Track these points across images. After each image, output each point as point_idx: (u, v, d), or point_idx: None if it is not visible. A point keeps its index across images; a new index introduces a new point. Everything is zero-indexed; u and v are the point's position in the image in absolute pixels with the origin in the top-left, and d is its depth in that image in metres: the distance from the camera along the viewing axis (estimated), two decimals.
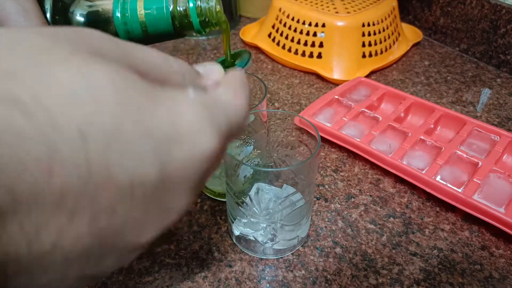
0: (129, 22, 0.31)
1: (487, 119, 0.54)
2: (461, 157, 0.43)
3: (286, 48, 0.65)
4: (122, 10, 0.30)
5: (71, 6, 0.31)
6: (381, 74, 0.64)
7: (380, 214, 0.40)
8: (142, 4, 0.30)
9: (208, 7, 0.31)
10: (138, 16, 0.30)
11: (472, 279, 0.34)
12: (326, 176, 0.45)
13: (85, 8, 0.31)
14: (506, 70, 0.64)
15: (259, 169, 0.34)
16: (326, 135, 0.48)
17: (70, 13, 0.31)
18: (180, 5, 0.31)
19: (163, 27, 0.31)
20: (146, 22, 0.30)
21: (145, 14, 0.30)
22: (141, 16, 0.30)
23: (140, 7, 0.30)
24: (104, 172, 0.11)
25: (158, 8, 0.30)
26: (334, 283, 0.34)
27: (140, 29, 0.31)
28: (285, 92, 0.60)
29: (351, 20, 0.60)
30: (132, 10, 0.30)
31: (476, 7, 0.65)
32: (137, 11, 0.30)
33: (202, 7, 0.31)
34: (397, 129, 0.47)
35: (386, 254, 0.36)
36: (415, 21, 0.77)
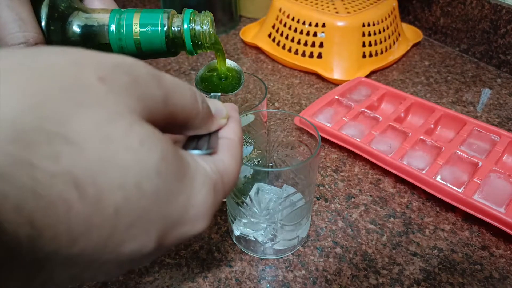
0: (124, 38, 0.31)
1: (487, 119, 0.54)
2: (461, 157, 0.43)
3: (286, 48, 0.65)
4: (117, 26, 0.31)
5: (69, 16, 0.31)
6: (381, 74, 0.64)
7: (380, 214, 0.40)
8: (137, 22, 0.30)
9: (202, 31, 0.31)
10: (133, 33, 0.31)
11: (472, 279, 0.34)
12: (326, 176, 0.45)
13: (82, 19, 0.31)
14: (506, 70, 0.64)
15: (259, 169, 0.34)
16: (326, 135, 0.48)
17: (67, 23, 0.30)
18: (175, 26, 0.31)
19: (156, 45, 0.31)
20: (140, 40, 0.31)
21: (140, 32, 0.30)
22: (135, 34, 0.31)
23: (135, 24, 0.30)
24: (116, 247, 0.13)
25: (153, 27, 0.30)
26: (334, 283, 0.34)
27: (134, 46, 0.31)
28: (285, 92, 0.60)
29: (351, 20, 0.60)
30: (127, 26, 0.30)
31: (476, 7, 0.65)
32: (132, 28, 0.30)
33: (196, 30, 0.31)
34: (397, 129, 0.47)
35: (386, 254, 0.36)
36: (415, 21, 0.77)
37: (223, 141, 0.21)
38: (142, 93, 0.15)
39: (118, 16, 0.31)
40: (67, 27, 0.31)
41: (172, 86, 0.16)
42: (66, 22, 0.31)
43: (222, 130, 0.21)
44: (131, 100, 0.14)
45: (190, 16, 0.31)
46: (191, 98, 0.17)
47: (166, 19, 0.31)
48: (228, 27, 0.77)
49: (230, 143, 0.20)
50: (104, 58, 0.15)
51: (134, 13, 0.31)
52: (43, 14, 0.30)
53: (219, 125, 0.21)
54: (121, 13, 0.31)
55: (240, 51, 0.71)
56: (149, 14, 0.31)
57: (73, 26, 0.31)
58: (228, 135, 0.21)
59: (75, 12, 0.31)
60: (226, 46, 0.72)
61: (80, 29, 0.31)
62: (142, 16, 0.31)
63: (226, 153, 0.20)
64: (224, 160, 0.19)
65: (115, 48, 0.31)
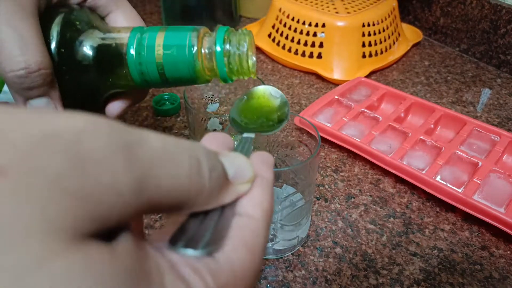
0: (144, 62, 0.25)
1: (487, 119, 0.54)
2: (461, 157, 0.43)
3: (286, 48, 0.65)
4: (137, 47, 0.25)
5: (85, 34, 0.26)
6: (381, 74, 0.64)
7: (380, 214, 0.40)
8: (161, 42, 0.25)
9: (238, 53, 0.26)
10: (155, 56, 0.25)
11: (472, 279, 0.34)
12: (326, 176, 0.45)
13: (96, 40, 0.26)
14: (506, 70, 0.64)
15: None
16: (326, 135, 0.48)
17: (78, 41, 0.26)
18: (206, 48, 0.25)
19: (183, 71, 0.26)
20: (163, 64, 0.25)
21: (164, 55, 0.25)
22: (158, 57, 0.25)
23: (158, 45, 0.25)
24: None
25: (180, 48, 0.25)
26: (334, 283, 0.34)
27: (156, 72, 0.26)
28: (285, 92, 0.60)
29: (351, 20, 0.60)
30: (149, 48, 0.25)
31: (476, 7, 0.65)
32: (155, 50, 0.25)
33: (231, 52, 0.25)
34: (397, 129, 0.47)
35: (386, 254, 0.36)
36: (415, 21, 0.77)
37: (240, 221, 0.14)
38: (88, 185, 0.09)
39: (139, 35, 0.26)
40: (79, 48, 0.26)
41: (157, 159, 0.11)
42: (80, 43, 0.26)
43: (242, 201, 0.15)
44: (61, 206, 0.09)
45: (224, 35, 0.26)
46: (190, 172, 0.12)
47: (195, 39, 0.25)
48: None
49: (249, 226, 0.14)
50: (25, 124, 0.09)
51: (158, 31, 0.26)
52: (54, 33, 0.25)
53: (237, 194, 0.15)
54: (143, 31, 0.26)
55: None
56: (175, 33, 0.26)
57: (86, 47, 0.26)
58: (248, 211, 0.15)
59: (91, 31, 0.26)
60: None
61: (94, 51, 0.26)
62: (166, 35, 0.25)
63: (235, 242, 0.13)
64: (233, 259, 0.13)
65: (135, 75, 0.26)
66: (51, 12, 0.26)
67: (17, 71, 0.23)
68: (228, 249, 0.13)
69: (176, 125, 0.52)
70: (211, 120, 0.40)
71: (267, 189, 0.16)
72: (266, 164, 0.17)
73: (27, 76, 0.23)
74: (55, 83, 0.26)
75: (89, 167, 0.09)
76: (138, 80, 0.27)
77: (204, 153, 0.13)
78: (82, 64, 0.26)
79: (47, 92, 0.25)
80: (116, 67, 0.26)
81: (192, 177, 0.12)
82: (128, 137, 0.11)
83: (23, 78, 0.23)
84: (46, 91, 0.25)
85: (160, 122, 0.52)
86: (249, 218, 0.14)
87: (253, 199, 0.15)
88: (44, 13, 0.26)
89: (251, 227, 0.14)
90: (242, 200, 0.15)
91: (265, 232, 0.15)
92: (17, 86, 0.24)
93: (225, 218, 0.14)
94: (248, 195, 0.15)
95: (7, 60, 0.23)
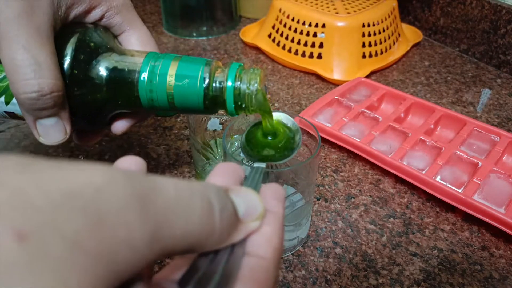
0: (155, 90, 0.26)
1: (487, 120, 0.54)
2: (461, 157, 0.43)
3: (286, 49, 0.65)
4: (150, 75, 0.26)
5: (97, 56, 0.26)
6: (381, 74, 0.64)
7: (380, 214, 0.40)
8: (174, 72, 0.26)
9: (248, 92, 0.25)
10: (167, 86, 0.26)
11: (472, 279, 0.34)
12: (326, 176, 0.45)
13: (110, 62, 0.27)
14: (506, 71, 0.64)
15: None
16: (326, 135, 0.48)
17: (91, 63, 0.26)
18: (217, 82, 0.26)
19: (192, 102, 0.26)
20: (174, 94, 0.26)
21: (175, 85, 0.26)
22: (169, 87, 0.26)
23: (171, 76, 0.26)
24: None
25: (191, 80, 0.25)
26: (334, 283, 0.34)
27: (166, 100, 0.26)
28: (285, 92, 0.60)
29: (351, 21, 0.61)
30: (161, 76, 0.26)
31: (476, 8, 0.65)
32: (167, 80, 0.26)
33: (241, 89, 0.26)
34: (397, 129, 0.47)
35: (386, 255, 0.36)
36: (415, 22, 0.77)
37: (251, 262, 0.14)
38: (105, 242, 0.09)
39: (152, 62, 0.26)
40: (92, 69, 0.26)
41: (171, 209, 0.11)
42: (93, 64, 0.26)
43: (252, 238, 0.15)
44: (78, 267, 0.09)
45: (236, 72, 0.26)
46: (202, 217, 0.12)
47: (208, 73, 0.26)
48: (228, 27, 0.77)
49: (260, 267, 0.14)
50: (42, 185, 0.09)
51: (172, 61, 0.26)
52: (68, 52, 0.26)
53: (247, 232, 0.15)
54: (156, 58, 0.26)
55: (240, 51, 0.71)
56: (188, 64, 0.26)
57: (98, 69, 0.26)
58: (258, 251, 0.14)
59: (105, 53, 0.27)
60: (226, 46, 0.72)
61: (106, 73, 0.26)
62: (180, 66, 0.26)
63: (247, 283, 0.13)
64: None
65: (144, 100, 0.26)
66: (66, 30, 0.26)
67: (29, 94, 0.23)
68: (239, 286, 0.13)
69: (176, 125, 0.52)
70: (211, 120, 0.40)
71: (277, 225, 0.15)
72: (276, 198, 0.17)
73: (39, 99, 0.24)
74: (65, 103, 0.26)
75: (106, 225, 0.10)
76: (146, 105, 0.27)
77: (215, 193, 0.13)
78: (93, 85, 0.27)
79: (57, 112, 0.26)
80: (127, 91, 0.27)
81: (203, 221, 0.12)
82: (143, 189, 0.11)
83: (35, 100, 0.24)
84: (56, 112, 0.26)
85: (160, 122, 0.52)
86: (259, 259, 0.14)
87: (263, 237, 0.15)
88: (59, 32, 0.26)
89: (262, 268, 0.14)
90: (253, 237, 0.15)
91: (275, 271, 0.15)
92: (29, 107, 0.24)
93: (235, 257, 0.14)
94: (258, 232, 0.15)
95: (21, 82, 0.23)
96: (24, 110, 0.25)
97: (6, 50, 0.23)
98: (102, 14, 0.28)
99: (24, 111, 0.26)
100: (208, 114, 0.29)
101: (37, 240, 0.08)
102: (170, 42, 0.73)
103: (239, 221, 0.14)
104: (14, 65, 0.23)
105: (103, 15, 0.28)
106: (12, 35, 0.23)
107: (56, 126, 0.26)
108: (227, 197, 0.14)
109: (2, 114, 0.29)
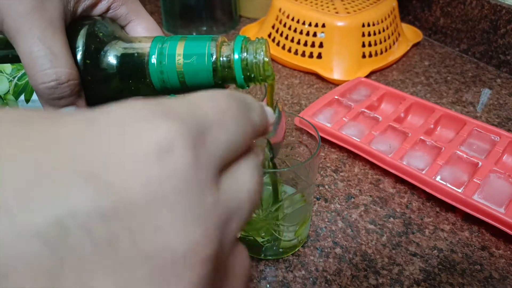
0: (166, 71, 0.27)
1: (487, 119, 0.54)
2: (461, 157, 0.43)
3: (286, 48, 0.65)
4: (159, 57, 0.27)
5: (109, 45, 0.28)
6: (381, 74, 0.64)
7: (380, 214, 0.40)
8: (181, 51, 0.27)
9: (256, 61, 0.27)
10: (176, 65, 0.27)
11: (472, 279, 0.34)
12: (326, 176, 0.45)
13: (119, 50, 0.28)
14: (506, 71, 0.64)
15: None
16: (326, 135, 0.48)
17: (103, 54, 0.27)
18: (224, 56, 0.27)
19: (202, 79, 0.27)
20: (184, 72, 0.27)
21: (184, 64, 0.27)
22: (179, 66, 0.27)
23: (179, 55, 0.27)
24: None
25: (199, 57, 0.26)
26: (334, 283, 0.34)
27: (177, 80, 0.27)
28: (285, 92, 0.60)
29: (351, 20, 0.60)
30: (170, 57, 0.27)
31: (476, 7, 0.65)
32: (175, 60, 0.27)
33: (248, 60, 0.27)
34: (397, 129, 0.47)
35: (386, 255, 0.36)
36: (415, 21, 0.77)
37: None
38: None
39: (160, 45, 0.27)
40: (103, 58, 0.28)
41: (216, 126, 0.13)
42: (103, 53, 0.27)
43: None
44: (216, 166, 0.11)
45: (241, 44, 0.27)
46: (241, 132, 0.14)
47: (214, 48, 0.26)
48: (227, 27, 0.77)
49: None
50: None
51: (178, 41, 0.27)
52: (80, 45, 0.27)
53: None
54: (163, 41, 0.27)
55: None
56: (195, 42, 0.27)
57: (109, 57, 0.28)
58: None
59: (114, 42, 0.28)
60: None
61: (118, 59, 0.27)
62: (186, 45, 0.27)
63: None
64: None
65: (156, 82, 0.27)
66: (76, 24, 0.28)
67: (48, 83, 0.25)
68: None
69: None
70: None
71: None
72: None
73: (57, 87, 0.25)
74: (82, 92, 0.27)
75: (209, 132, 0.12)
76: (159, 88, 0.28)
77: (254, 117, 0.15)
78: (106, 73, 0.28)
79: (74, 101, 0.27)
80: (139, 76, 0.27)
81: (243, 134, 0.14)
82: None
83: (53, 89, 0.25)
84: (73, 100, 0.27)
85: None
86: None
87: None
88: (69, 26, 0.27)
89: None
90: None
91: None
92: (47, 97, 0.26)
93: None
94: None
95: (39, 73, 0.24)
96: (43, 101, 0.26)
97: (22, 44, 0.24)
98: (108, 6, 0.30)
99: (43, 102, 0.27)
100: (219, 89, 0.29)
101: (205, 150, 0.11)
102: None
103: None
104: (31, 57, 0.24)
105: (109, 7, 0.30)
106: (26, 29, 0.24)
107: None
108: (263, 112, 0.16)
109: None
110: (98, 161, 0.09)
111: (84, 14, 0.29)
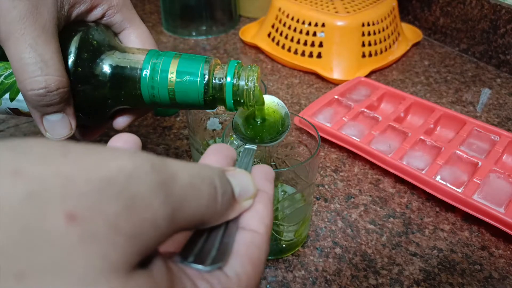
0: (157, 87, 0.27)
1: (487, 119, 0.54)
2: (461, 157, 0.43)
3: (286, 48, 0.65)
4: (151, 72, 0.27)
5: (101, 55, 0.27)
6: (381, 74, 0.64)
7: (380, 214, 0.40)
8: (175, 69, 0.27)
9: (247, 88, 0.27)
10: (168, 82, 0.27)
11: (472, 279, 0.34)
12: (326, 176, 0.45)
13: (114, 59, 0.27)
14: (506, 70, 0.64)
15: None
16: (326, 135, 0.48)
17: (97, 63, 0.27)
18: (216, 78, 0.27)
19: (192, 98, 0.27)
20: (175, 90, 0.27)
21: (176, 82, 0.27)
22: (171, 84, 0.27)
23: (172, 72, 0.26)
24: None
25: (191, 77, 0.26)
26: (334, 283, 0.34)
27: (167, 96, 0.27)
28: (285, 92, 0.59)
29: (351, 20, 0.60)
30: (163, 73, 0.27)
31: (476, 7, 0.65)
32: (168, 77, 0.27)
33: (240, 86, 0.27)
34: (397, 129, 0.47)
35: (386, 254, 0.36)
36: (415, 21, 0.77)
37: (245, 237, 0.16)
38: (136, 224, 0.11)
39: (154, 60, 0.27)
40: (96, 68, 0.27)
41: (186, 194, 0.13)
42: (96, 61, 0.27)
43: (245, 215, 0.17)
44: (117, 246, 0.10)
45: (235, 69, 0.27)
46: (209, 200, 0.14)
47: (207, 70, 0.27)
48: (227, 26, 0.77)
49: (254, 241, 0.16)
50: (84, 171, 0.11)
51: (172, 58, 0.27)
52: (72, 51, 0.26)
53: (241, 210, 0.16)
54: (158, 56, 0.27)
55: (239, 50, 0.71)
56: (189, 62, 0.27)
57: (102, 67, 0.27)
58: (252, 226, 0.16)
59: (107, 51, 0.28)
60: (225, 46, 0.72)
61: (112, 69, 0.27)
62: (180, 63, 0.27)
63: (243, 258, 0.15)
64: (238, 271, 0.15)
65: (146, 96, 0.27)
66: (69, 29, 0.27)
67: (37, 90, 0.24)
68: (235, 264, 0.15)
69: (176, 125, 0.52)
70: (211, 119, 0.39)
71: (268, 204, 0.17)
72: (267, 178, 0.18)
73: (46, 95, 0.25)
74: (70, 99, 0.27)
75: (137, 209, 0.11)
76: (148, 101, 0.28)
77: (219, 178, 0.15)
78: (97, 81, 0.27)
79: (63, 108, 0.27)
80: (129, 88, 0.27)
81: (209, 203, 0.14)
82: (165, 176, 0.12)
83: (42, 97, 0.25)
84: (62, 107, 0.27)
85: (160, 122, 0.52)
86: (253, 233, 0.16)
87: (256, 214, 0.17)
88: (62, 30, 0.27)
89: (256, 243, 0.16)
90: (246, 215, 0.17)
91: (267, 247, 0.16)
92: (36, 103, 0.25)
93: (229, 232, 0.16)
94: (251, 210, 0.17)
95: (28, 79, 0.24)
96: (31, 106, 0.26)
97: (13, 50, 0.24)
98: (103, 12, 0.29)
99: (31, 108, 0.26)
100: (207, 110, 0.30)
101: (85, 221, 0.10)
102: (170, 42, 0.73)
103: (235, 200, 0.16)
104: (21, 64, 0.24)
105: (104, 14, 0.29)
106: (18, 35, 0.24)
107: (62, 121, 0.27)
108: (227, 181, 0.16)
109: (6, 111, 0.30)
110: None
111: (79, 19, 0.28)
